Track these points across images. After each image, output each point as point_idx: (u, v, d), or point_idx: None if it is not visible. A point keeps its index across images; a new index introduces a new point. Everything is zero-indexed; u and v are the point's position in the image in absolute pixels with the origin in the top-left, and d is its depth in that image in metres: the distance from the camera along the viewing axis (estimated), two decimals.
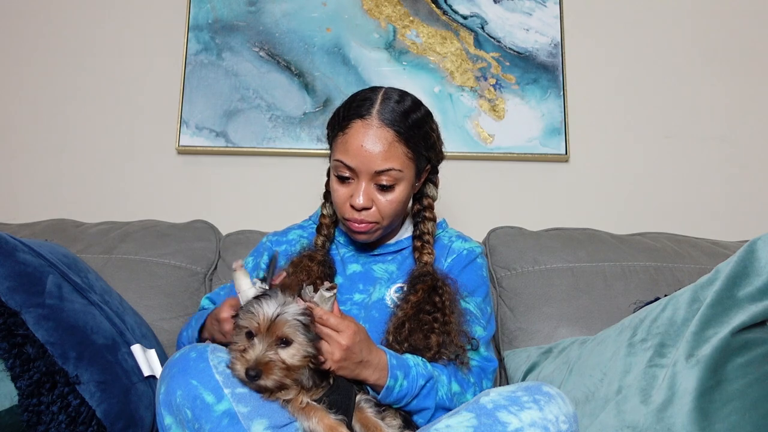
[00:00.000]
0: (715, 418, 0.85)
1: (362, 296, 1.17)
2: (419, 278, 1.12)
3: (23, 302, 1.02)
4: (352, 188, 1.11)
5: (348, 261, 1.22)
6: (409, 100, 1.14)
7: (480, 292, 1.20)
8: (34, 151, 1.83)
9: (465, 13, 1.84)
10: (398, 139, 1.09)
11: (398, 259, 1.22)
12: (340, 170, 1.11)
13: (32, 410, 0.96)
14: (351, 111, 1.11)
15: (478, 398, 0.89)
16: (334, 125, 1.15)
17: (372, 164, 1.08)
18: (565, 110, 1.79)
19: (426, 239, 1.19)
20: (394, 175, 1.10)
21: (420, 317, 1.07)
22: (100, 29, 1.88)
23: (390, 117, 1.09)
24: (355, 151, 1.08)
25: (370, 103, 1.11)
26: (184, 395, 0.88)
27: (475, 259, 1.23)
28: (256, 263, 1.26)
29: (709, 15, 1.87)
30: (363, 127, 1.09)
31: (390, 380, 0.98)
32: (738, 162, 1.81)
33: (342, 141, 1.10)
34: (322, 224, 1.23)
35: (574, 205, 1.79)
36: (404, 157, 1.10)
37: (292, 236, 1.28)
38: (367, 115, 1.09)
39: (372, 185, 1.11)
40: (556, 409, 0.85)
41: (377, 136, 1.08)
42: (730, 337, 0.89)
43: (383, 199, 1.11)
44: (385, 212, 1.13)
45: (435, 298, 1.08)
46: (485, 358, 1.15)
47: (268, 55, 1.82)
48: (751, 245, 0.94)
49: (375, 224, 1.13)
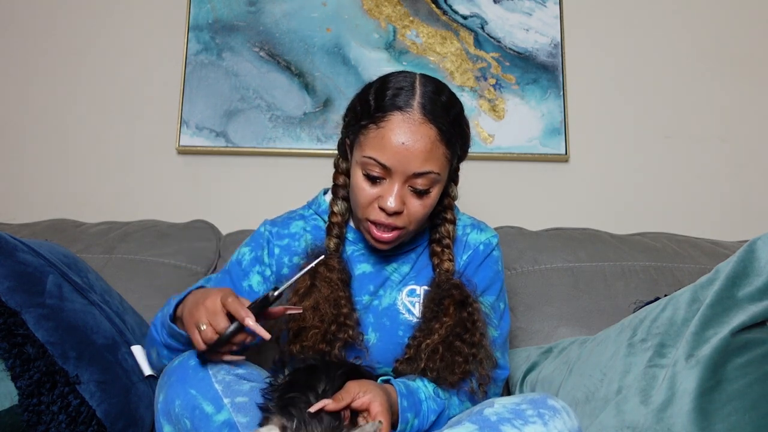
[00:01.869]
0: (715, 418, 0.85)
1: (370, 298, 1.08)
2: (446, 291, 1.03)
3: (23, 302, 1.02)
4: (383, 189, 0.98)
5: (357, 260, 1.11)
6: (447, 91, 1.02)
7: (494, 290, 1.12)
8: (34, 151, 1.83)
9: (465, 13, 1.84)
10: (440, 138, 0.97)
11: (412, 258, 1.12)
12: (370, 168, 0.97)
13: (32, 410, 0.96)
14: (386, 100, 0.97)
15: (481, 409, 0.87)
16: (361, 114, 1.00)
17: (411, 165, 0.96)
18: (565, 110, 1.79)
19: (446, 243, 1.09)
20: (432, 179, 0.98)
21: (453, 344, 0.99)
22: (100, 29, 1.88)
23: (432, 111, 0.96)
24: (393, 148, 0.95)
25: (408, 93, 0.97)
26: (183, 405, 0.86)
27: (491, 253, 1.14)
28: (256, 255, 1.12)
29: (709, 15, 1.87)
30: (404, 121, 0.95)
31: (401, 424, 0.94)
32: (738, 162, 1.81)
33: (377, 135, 0.96)
34: (333, 224, 1.09)
35: (574, 205, 1.79)
36: (443, 158, 0.99)
37: (294, 229, 1.14)
38: (407, 107, 0.96)
39: (406, 187, 0.98)
40: (561, 424, 0.83)
41: (420, 133, 0.95)
42: (730, 337, 0.89)
43: (416, 203, 1.00)
44: (415, 217, 1.01)
45: (464, 314, 1.01)
46: (499, 366, 1.10)
47: (268, 55, 1.82)
48: (751, 245, 0.94)
49: (402, 230, 1.01)
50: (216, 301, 0.89)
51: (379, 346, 1.06)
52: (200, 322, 0.89)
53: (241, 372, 0.92)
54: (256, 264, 1.12)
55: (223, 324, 0.88)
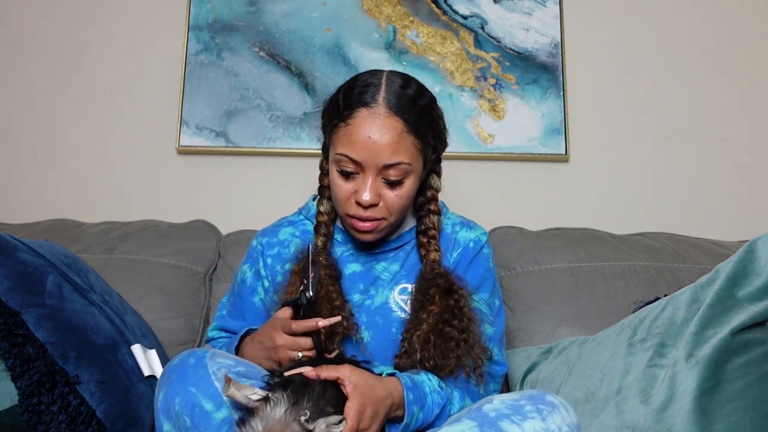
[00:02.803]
0: (715, 418, 0.85)
1: (362, 297, 1.10)
2: (431, 281, 1.05)
3: (23, 302, 1.02)
4: (357, 183, 1.02)
5: (347, 261, 1.13)
6: (414, 84, 1.05)
7: (487, 287, 1.14)
8: (34, 151, 1.83)
9: (465, 13, 1.84)
10: (407, 128, 1.00)
11: (401, 256, 1.14)
12: (343, 164, 1.01)
13: (32, 410, 0.96)
14: (353, 98, 1.01)
15: (480, 405, 0.87)
16: (332, 115, 1.04)
17: (380, 157, 0.99)
18: (565, 110, 1.79)
19: (431, 234, 1.11)
20: (403, 169, 1.01)
21: (443, 330, 1.01)
22: (100, 29, 1.88)
23: (397, 104, 1.00)
24: (361, 143, 0.98)
25: (374, 89, 1.01)
26: (183, 403, 0.86)
27: (481, 250, 1.16)
28: (255, 270, 1.17)
29: (710, 15, 1.87)
30: (369, 116, 0.99)
31: (407, 417, 0.94)
32: (738, 162, 1.81)
33: (345, 133, 1.00)
34: (320, 223, 1.13)
35: (574, 205, 1.79)
36: (413, 148, 1.01)
37: (283, 236, 1.18)
38: (372, 103, 0.99)
39: (379, 179, 1.02)
40: (560, 419, 0.83)
41: (385, 126, 0.98)
42: (729, 337, 0.89)
43: (391, 194, 1.03)
44: (393, 208, 1.04)
45: (450, 302, 1.03)
46: (496, 362, 1.11)
47: (268, 55, 1.82)
48: (751, 245, 0.94)
49: (382, 221, 1.05)
50: (281, 336, 0.98)
51: (373, 344, 1.07)
52: (291, 357, 0.97)
53: (241, 370, 0.93)
54: (258, 279, 1.17)
55: (306, 342, 0.97)
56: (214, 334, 1.20)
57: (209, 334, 1.20)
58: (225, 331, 1.19)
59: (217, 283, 1.52)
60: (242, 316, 1.17)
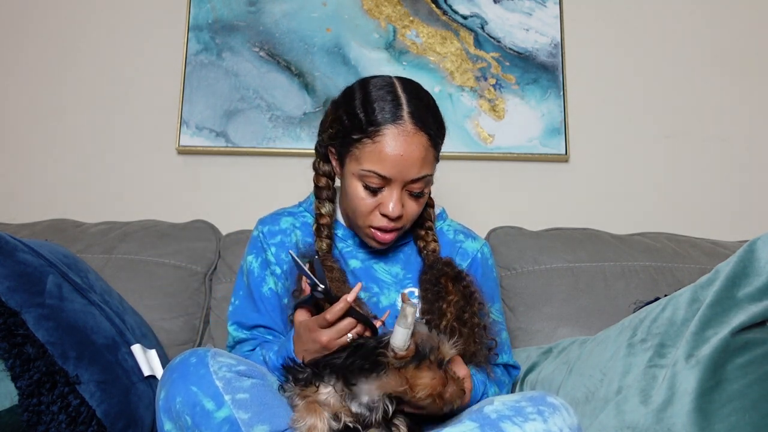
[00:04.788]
0: (714, 418, 0.85)
1: (366, 295, 1.12)
2: (439, 270, 1.08)
3: (23, 302, 1.02)
4: (382, 197, 1.04)
5: (347, 256, 1.16)
6: (424, 92, 1.08)
7: (498, 296, 1.21)
8: (33, 151, 1.83)
9: (465, 13, 1.84)
10: (431, 143, 1.03)
11: (401, 258, 1.17)
12: (370, 180, 1.03)
13: (32, 410, 0.96)
14: (376, 113, 1.02)
15: (481, 407, 0.88)
16: (351, 128, 1.04)
17: (409, 173, 1.01)
18: (565, 110, 1.79)
19: (428, 225, 1.16)
20: (426, 181, 1.05)
21: (464, 318, 1.03)
22: (100, 29, 1.88)
23: (421, 118, 1.02)
24: (391, 160, 1.00)
25: (396, 104, 1.02)
26: (184, 402, 0.87)
27: (488, 261, 1.22)
28: (262, 259, 1.17)
29: (710, 15, 1.87)
30: (399, 134, 1.00)
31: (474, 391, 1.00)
32: (738, 162, 1.81)
33: (374, 150, 1.01)
34: (323, 225, 1.14)
35: (574, 205, 1.79)
36: (434, 160, 1.06)
37: (284, 224, 1.20)
38: (399, 120, 1.01)
39: (404, 192, 1.04)
40: (560, 420, 0.84)
41: (414, 143, 1.01)
42: (729, 337, 0.89)
43: (414, 204, 1.07)
44: (412, 216, 1.08)
45: (462, 287, 1.06)
46: (514, 366, 1.18)
47: (268, 55, 1.82)
48: (751, 245, 0.94)
49: (401, 229, 1.09)
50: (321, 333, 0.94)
51: None
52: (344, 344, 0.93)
53: (242, 369, 0.93)
54: (266, 267, 1.17)
55: (349, 323, 0.93)
56: (239, 334, 1.16)
57: (234, 335, 1.16)
58: (245, 328, 1.16)
59: (217, 283, 1.52)
60: (256, 308, 1.16)
